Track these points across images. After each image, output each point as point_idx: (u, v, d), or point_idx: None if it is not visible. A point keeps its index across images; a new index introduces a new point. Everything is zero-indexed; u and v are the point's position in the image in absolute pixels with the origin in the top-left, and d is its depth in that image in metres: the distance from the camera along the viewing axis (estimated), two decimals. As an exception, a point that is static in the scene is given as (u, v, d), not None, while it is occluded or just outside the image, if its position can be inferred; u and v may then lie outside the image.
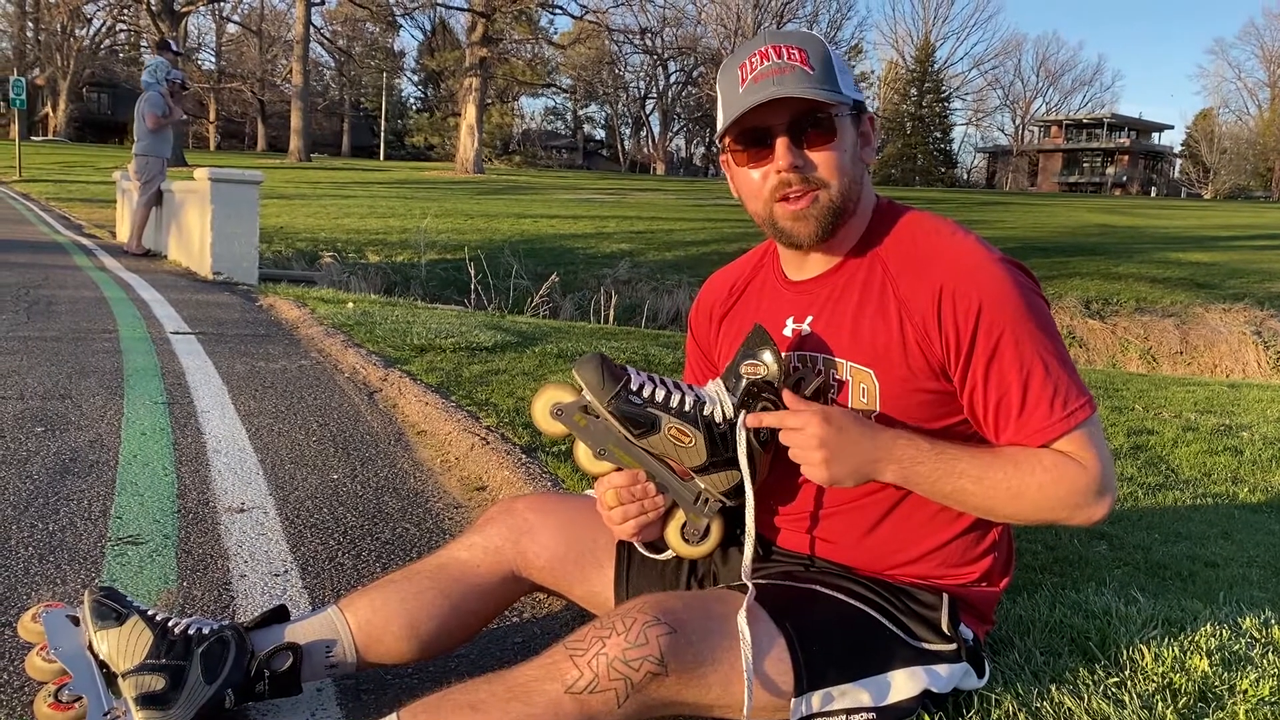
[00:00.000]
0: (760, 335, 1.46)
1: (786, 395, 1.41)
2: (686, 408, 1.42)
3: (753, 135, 1.46)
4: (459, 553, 1.67)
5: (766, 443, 1.44)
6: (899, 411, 1.45)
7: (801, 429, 1.38)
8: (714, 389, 1.46)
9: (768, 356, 1.43)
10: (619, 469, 1.47)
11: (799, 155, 1.43)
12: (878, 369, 1.45)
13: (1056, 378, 1.39)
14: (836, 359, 1.49)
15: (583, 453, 1.47)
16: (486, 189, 30.31)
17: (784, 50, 1.43)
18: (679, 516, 1.50)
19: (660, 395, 1.42)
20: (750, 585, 1.41)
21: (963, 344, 1.40)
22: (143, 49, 58.52)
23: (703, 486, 1.47)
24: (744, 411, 1.41)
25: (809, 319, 1.54)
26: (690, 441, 1.42)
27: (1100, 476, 1.39)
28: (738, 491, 1.46)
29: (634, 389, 1.41)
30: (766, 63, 1.43)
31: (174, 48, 10.59)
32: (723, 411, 1.42)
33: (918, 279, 1.44)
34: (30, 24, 55.09)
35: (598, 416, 1.42)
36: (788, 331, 1.56)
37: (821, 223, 1.46)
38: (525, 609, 2.08)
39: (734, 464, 1.43)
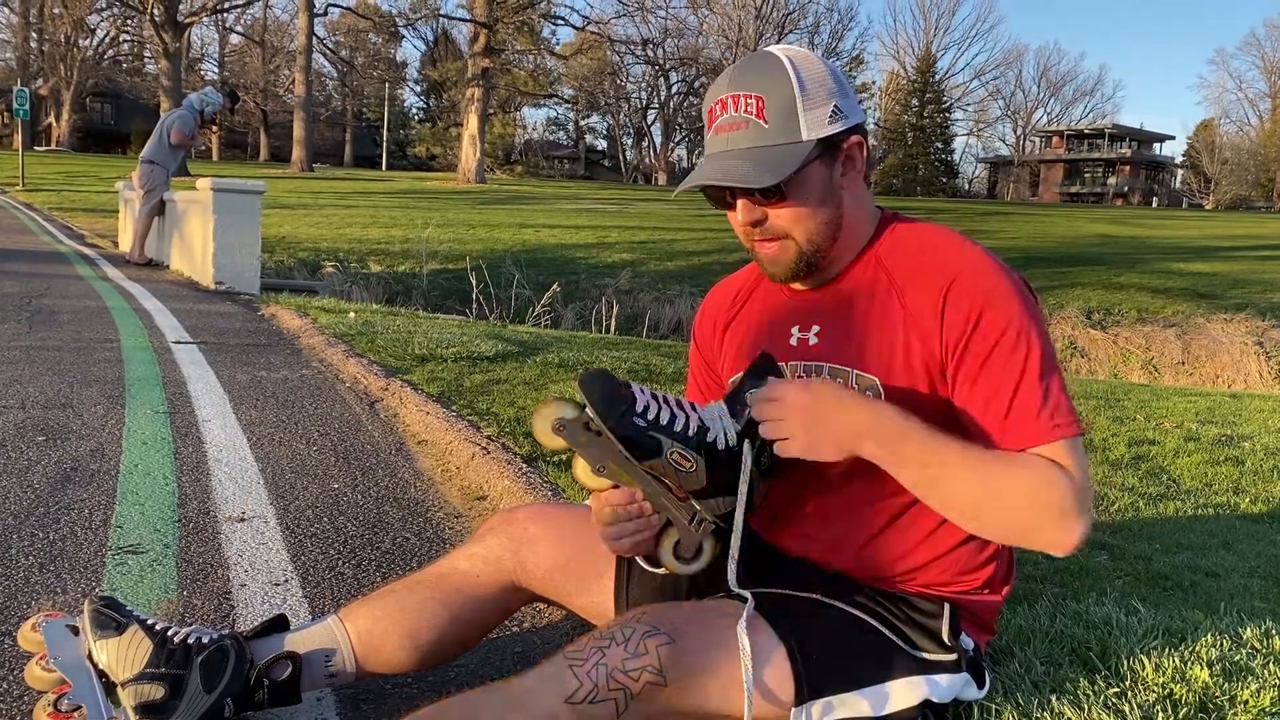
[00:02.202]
0: (766, 363, 1.45)
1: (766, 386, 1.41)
2: (690, 433, 1.41)
3: (716, 190, 1.48)
4: (459, 563, 1.67)
5: (768, 471, 1.44)
6: None
7: (780, 398, 1.36)
8: (717, 413, 1.44)
9: None
10: (616, 486, 1.47)
11: (756, 210, 1.46)
12: (883, 377, 1.45)
13: (1048, 388, 1.37)
14: (842, 368, 1.49)
15: (581, 468, 1.46)
16: (488, 199, 30.36)
17: (742, 100, 1.42)
18: (673, 534, 1.49)
19: (664, 418, 1.41)
20: (749, 595, 1.41)
21: (960, 340, 1.39)
22: (146, 58, 58.78)
23: (699, 508, 1.46)
24: (747, 440, 1.41)
25: (815, 328, 1.54)
26: (691, 467, 1.41)
27: (1083, 490, 1.35)
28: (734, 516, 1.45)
29: (639, 411, 1.40)
30: (725, 114, 1.44)
31: (238, 99, 10.94)
32: (726, 439, 1.42)
33: (923, 285, 1.44)
34: (34, 34, 55.26)
35: (599, 434, 1.42)
36: (794, 341, 1.56)
37: (792, 267, 1.49)
38: (525, 619, 2.07)
39: (733, 490, 1.43)
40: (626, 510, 1.47)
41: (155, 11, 33.29)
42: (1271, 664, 1.77)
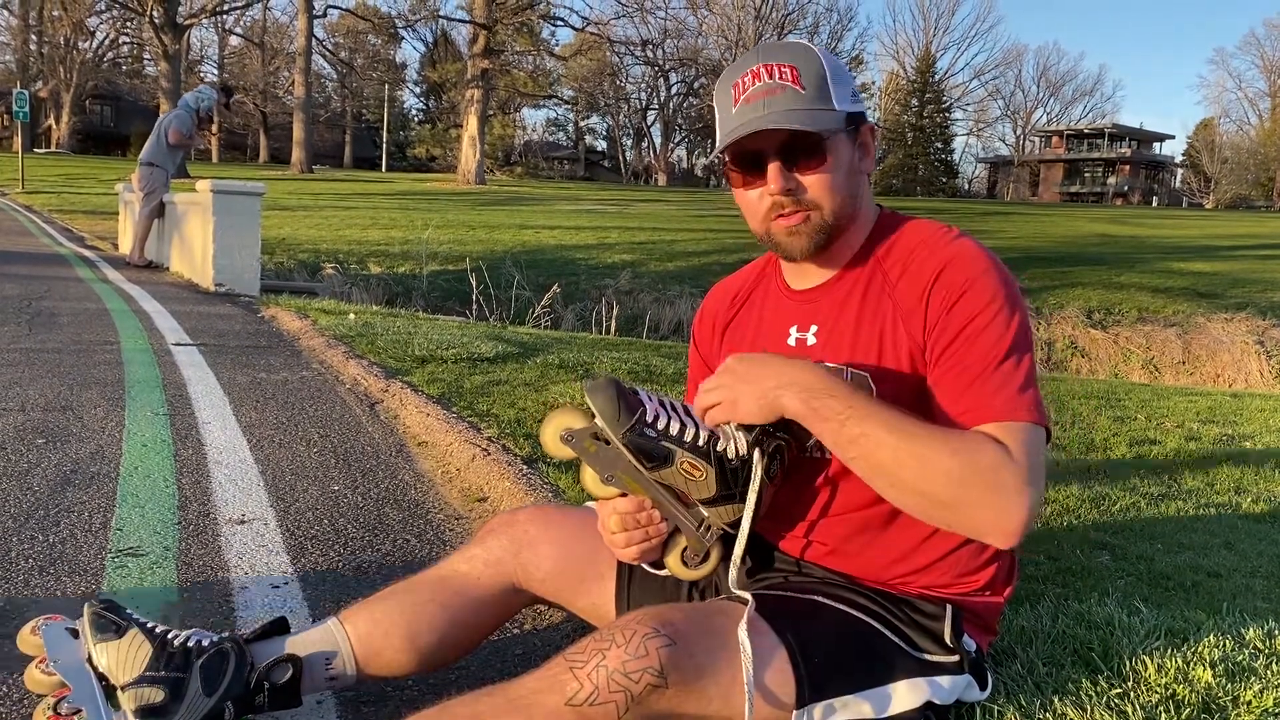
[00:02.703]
0: None
1: None
2: (700, 442, 1.41)
3: (746, 158, 1.46)
4: (460, 565, 1.67)
5: (775, 478, 1.44)
6: None
7: (717, 371, 1.42)
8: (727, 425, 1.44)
9: None
10: (624, 494, 1.47)
11: (790, 178, 1.44)
12: (875, 374, 1.45)
13: (1010, 373, 1.35)
14: (837, 366, 1.49)
15: (590, 477, 1.46)
16: (488, 200, 30.36)
17: (776, 69, 1.43)
18: (680, 541, 1.49)
19: (675, 428, 1.40)
20: (750, 597, 1.40)
21: (937, 321, 1.40)
22: (146, 60, 58.82)
23: (706, 515, 1.46)
24: (757, 449, 1.41)
25: (813, 328, 1.54)
26: (701, 476, 1.41)
27: (1027, 472, 1.29)
28: (741, 523, 1.45)
29: (649, 420, 1.39)
30: (759, 83, 1.43)
31: (232, 94, 11.04)
32: (735, 448, 1.41)
33: (913, 279, 1.44)
34: (34, 37, 55.25)
35: (608, 443, 1.41)
36: (791, 341, 1.56)
37: (814, 239, 1.47)
38: (526, 621, 2.07)
39: (741, 498, 1.43)
40: (634, 519, 1.47)
41: (154, 14, 33.26)
42: (1275, 664, 1.77)
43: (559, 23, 43.63)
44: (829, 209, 1.46)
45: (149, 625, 1.54)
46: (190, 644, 1.52)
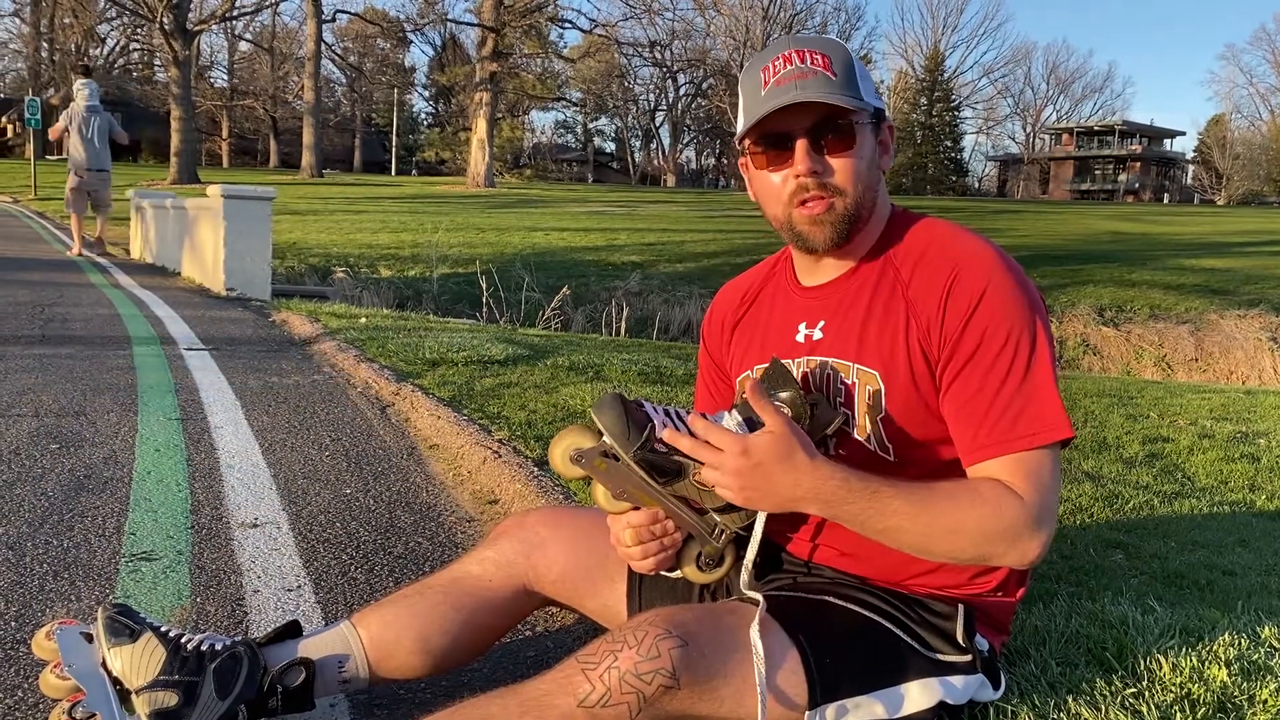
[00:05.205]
0: (781, 373, 1.44)
1: (697, 423, 1.36)
2: None
3: (773, 138, 1.46)
4: (471, 567, 1.67)
5: None
6: (906, 417, 1.44)
7: (719, 456, 1.33)
8: (735, 429, 1.43)
9: (789, 396, 1.41)
10: (636, 507, 1.46)
11: (818, 160, 1.44)
12: (884, 372, 1.45)
13: (1030, 394, 1.36)
14: (845, 362, 1.48)
15: (601, 493, 1.45)
16: (497, 203, 30.39)
17: (808, 55, 1.44)
18: (694, 547, 1.49)
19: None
20: (762, 597, 1.40)
21: (953, 336, 1.40)
22: (156, 67, 59.06)
23: (719, 521, 1.46)
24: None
25: (821, 324, 1.54)
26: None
27: (1037, 509, 1.34)
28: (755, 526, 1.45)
29: (659, 436, 1.39)
30: (790, 66, 1.44)
31: (90, 71, 11.74)
32: None
33: (927, 280, 1.44)
34: (45, 44, 55.57)
35: (618, 460, 1.40)
36: (800, 337, 1.56)
37: (837, 228, 1.46)
38: (538, 623, 2.07)
39: None
40: (649, 530, 1.47)
41: (165, 20, 33.35)
42: (1290, 663, 1.76)
43: (567, 25, 43.75)
44: (853, 196, 1.45)
45: (162, 629, 1.54)
46: (204, 648, 1.52)
